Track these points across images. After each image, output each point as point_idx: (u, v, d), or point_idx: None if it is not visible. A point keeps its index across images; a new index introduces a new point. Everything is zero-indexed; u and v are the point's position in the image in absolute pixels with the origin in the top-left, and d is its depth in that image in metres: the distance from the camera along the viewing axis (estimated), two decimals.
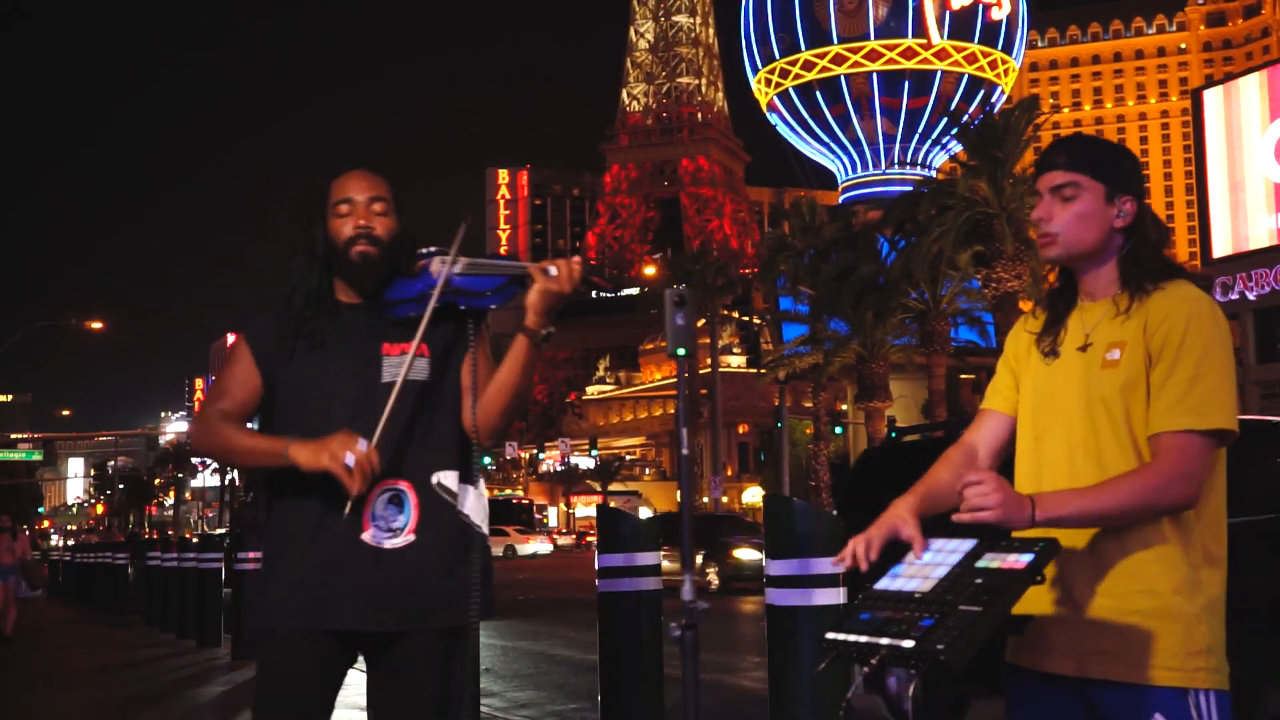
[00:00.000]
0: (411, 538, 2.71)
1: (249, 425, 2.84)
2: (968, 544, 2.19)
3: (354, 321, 2.80)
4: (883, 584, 2.21)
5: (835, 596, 4.19)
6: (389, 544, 2.69)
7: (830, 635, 2.14)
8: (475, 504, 2.80)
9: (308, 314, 2.80)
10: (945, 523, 2.30)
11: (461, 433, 2.80)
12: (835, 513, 5.01)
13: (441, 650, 2.74)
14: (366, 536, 2.69)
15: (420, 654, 2.72)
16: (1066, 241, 2.38)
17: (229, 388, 2.82)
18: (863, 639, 2.07)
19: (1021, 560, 2.09)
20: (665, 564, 7.59)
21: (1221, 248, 57.97)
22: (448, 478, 2.76)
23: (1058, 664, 2.31)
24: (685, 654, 1.97)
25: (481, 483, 2.86)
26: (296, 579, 2.70)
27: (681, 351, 2.08)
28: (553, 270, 2.67)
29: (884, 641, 2.03)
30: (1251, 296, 55.91)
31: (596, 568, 5.51)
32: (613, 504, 50.18)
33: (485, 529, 2.82)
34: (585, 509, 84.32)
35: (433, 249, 2.83)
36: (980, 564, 2.12)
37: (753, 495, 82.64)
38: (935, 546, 2.23)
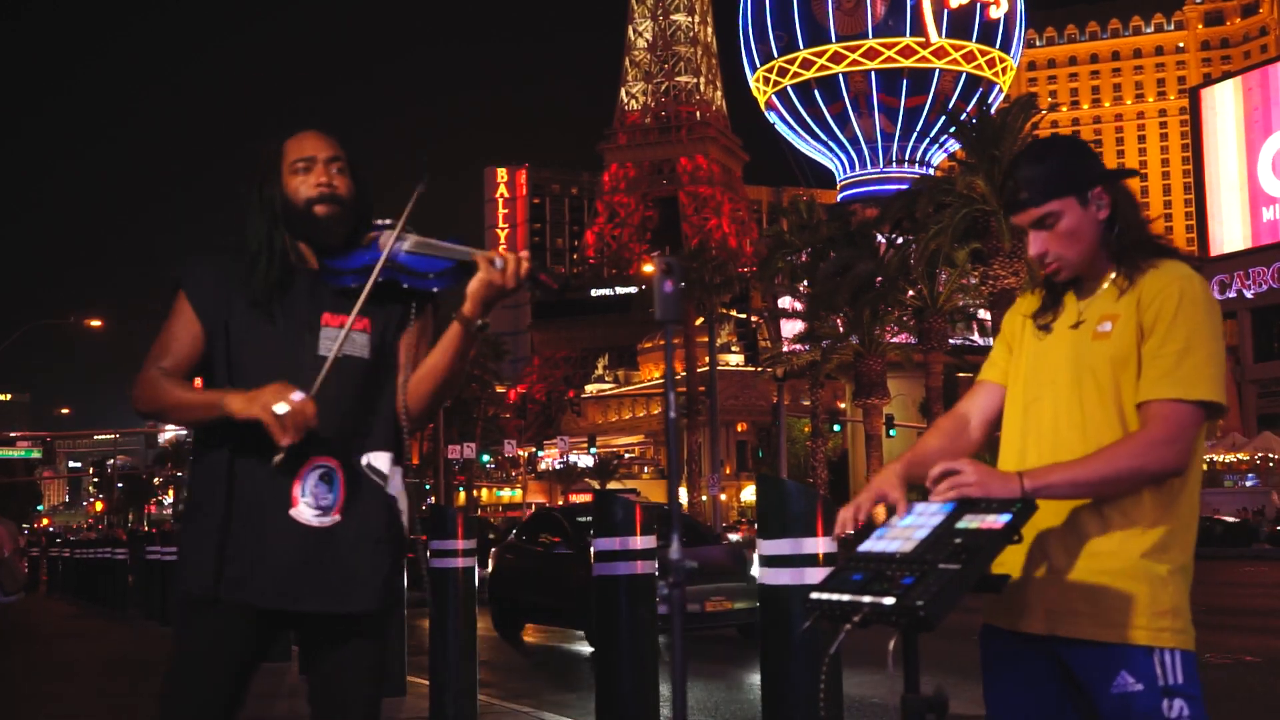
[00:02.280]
0: (337, 518, 2.63)
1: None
2: (949, 507, 2.25)
3: (300, 287, 2.70)
4: (866, 546, 2.27)
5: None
6: (316, 522, 2.61)
7: (814, 595, 2.21)
8: (401, 487, 2.74)
9: (270, 278, 2.68)
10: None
11: (396, 416, 2.71)
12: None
13: (372, 635, 2.69)
14: (294, 513, 2.61)
15: (352, 638, 2.67)
16: (1071, 261, 2.44)
17: (169, 345, 2.70)
18: (846, 597, 2.14)
19: (999, 521, 2.15)
20: None
21: (1218, 246, 58.12)
22: (379, 459, 2.69)
23: (1030, 623, 2.37)
24: (673, 611, 2.02)
25: (401, 471, 2.77)
26: (217, 547, 2.61)
27: (670, 319, 2.11)
28: (499, 262, 2.57)
29: (866, 599, 2.10)
30: (1249, 295, 56.00)
31: (592, 552, 5.58)
32: None
33: (406, 513, 2.76)
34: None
35: (388, 221, 2.73)
36: (960, 525, 2.19)
37: (751, 494, 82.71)
38: (918, 510, 2.29)
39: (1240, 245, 56.63)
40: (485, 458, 77.69)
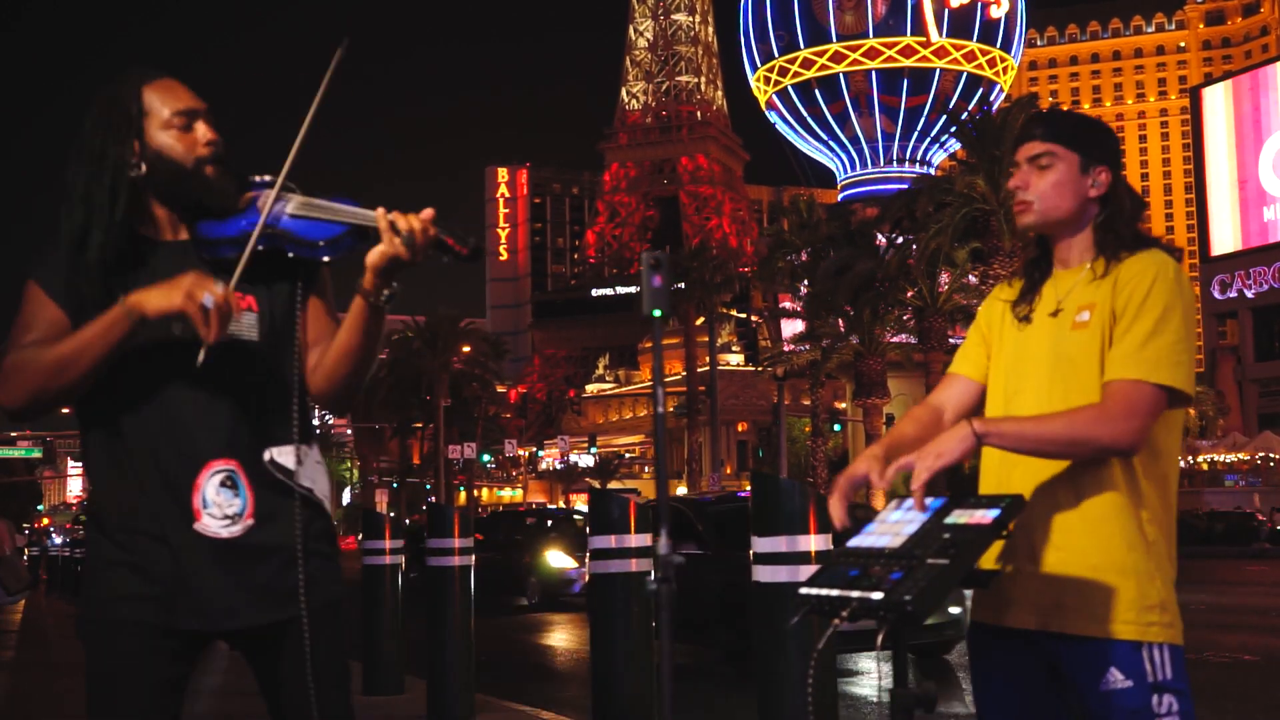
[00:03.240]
0: (250, 523, 2.35)
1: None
2: (937, 502, 2.25)
3: (167, 263, 2.33)
4: (855, 541, 2.27)
5: None
6: (225, 533, 2.33)
7: (803, 590, 2.21)
8: (313, 471, 2.46)
9: (108, 254, 2.31)
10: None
11: (298, 398, 2.43)
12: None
13: (316, 631, 2.41)
14: (199, 526, 2.32)
15: (291, 644, 2.40)
16: (1042, 209, 2.44)
17: (32, 323, 2.32)
18: (834, 592, 2.14)
19: (988, 516, 2.15)
20: None
21: (1219, 245, 58.15)
22: (282, 453, 2.40)
23: (1017, 618, 2.37)
24: (660, 607, 2.03)
25: (317, 450, 2.51)
26: (124, 565, 2.34)
27: (657, 313, 2.11)
28: (396, 230, 2.23)
29: (854, 594, 2.10)
30: (1250, 294, 56.03)
31: (588, 550, 5.58)
32: None
33: (326, 495, 2.49)
34: (584, 507, 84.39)
35: (267, 178, 2.41)
36: (948, 520, 2.19)
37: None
38: (906, 505, 2.29)
39: (1229, 247, 56.83)
40: (486, 457, 77.76)
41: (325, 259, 2.37)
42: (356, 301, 2.34)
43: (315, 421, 2.66)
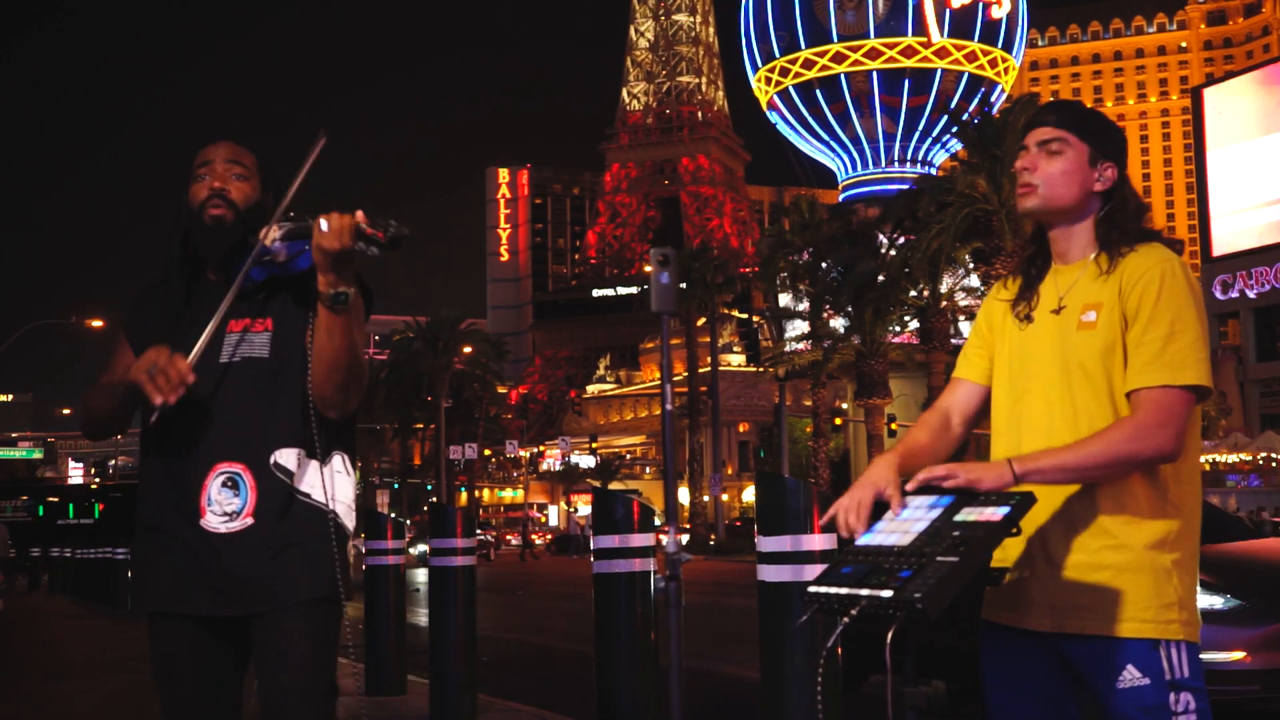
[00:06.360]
0: (249, 521, 2.63)
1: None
2: (946, 500, 2.24)
3: (212, 298, 2.67)
4: (864, 540, 2.26)
5: None
6: (225, 529, 2.62)
7: (811, 589, 2.19)
8: (319, 480, 2.69)
9: (173, 288, 2.74)
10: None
11: (311, 407, 2.68)
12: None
13: (298, 629, 2.64)
14: (204, 522, 2.63)
15: (273, 635, 2.64)
16: (1046, 194, 2.43)
17: (110, 364, 2.79)
18: (843, 591, 2.13)
19: (998, 513, 2.14)
20: None
21: (1220, 245, 58.16)
22: (285, 456, 2.66)
23: (1035, 620, 2.35)
24: (670, 604, 2.01)
25: (340, 459, 2.76)
26: (149, 562, 2.71)
27: (665, 310, 2.09)
28: (324, 225, 2.48)
29: (864, 593, 2.09)
30: (1251, 295, 56.00)
31: (592, 549, 5.57)
32: None
33: (340, 505, 2.73)
34: (585, 508, 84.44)
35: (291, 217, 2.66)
36: (958, 518, 2.18)
37: (753, 494, 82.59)
38: (915, 504, 2.28)
39: (1230, 247, 57.12)
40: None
41: (303, 268, 2.62)
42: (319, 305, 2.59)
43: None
